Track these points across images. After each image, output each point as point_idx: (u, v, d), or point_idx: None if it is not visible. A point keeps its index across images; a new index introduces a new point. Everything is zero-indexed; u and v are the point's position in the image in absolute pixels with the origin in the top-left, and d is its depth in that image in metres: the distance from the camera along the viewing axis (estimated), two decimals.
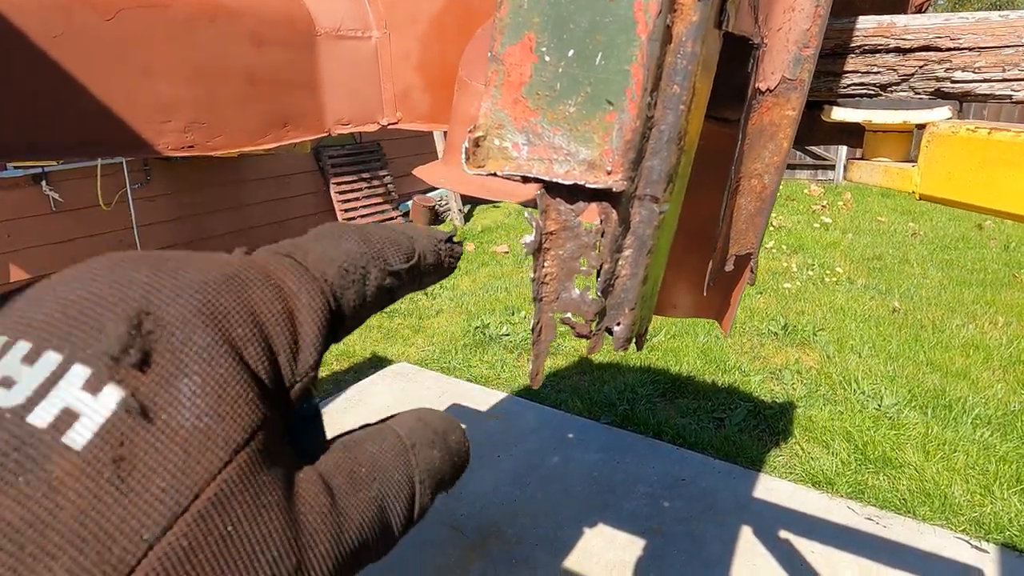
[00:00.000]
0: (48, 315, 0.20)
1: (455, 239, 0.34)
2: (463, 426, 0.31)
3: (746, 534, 2.74)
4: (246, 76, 0.75)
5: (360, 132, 1.01)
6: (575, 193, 0.38)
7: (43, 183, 5.51)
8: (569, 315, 0.43)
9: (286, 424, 0.24)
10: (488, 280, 6.11)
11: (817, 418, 3.54)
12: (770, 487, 3.03)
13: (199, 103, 0.70)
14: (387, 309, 5.54)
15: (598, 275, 0.41)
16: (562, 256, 0.41)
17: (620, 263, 0.40)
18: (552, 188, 0.39)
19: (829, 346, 4.40)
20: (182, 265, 0.23)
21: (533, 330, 0.45)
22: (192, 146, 0.69)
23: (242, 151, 0.91)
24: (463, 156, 0.37)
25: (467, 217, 8.71)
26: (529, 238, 0.39)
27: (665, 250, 0.46)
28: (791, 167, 9.89)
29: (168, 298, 0.21)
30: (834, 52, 0.89)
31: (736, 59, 0.57)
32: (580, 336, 0.43)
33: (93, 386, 0.19)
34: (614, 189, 0.37)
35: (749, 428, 3.49)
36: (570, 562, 2.60)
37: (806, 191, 9.17)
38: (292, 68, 0.82)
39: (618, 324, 0.42)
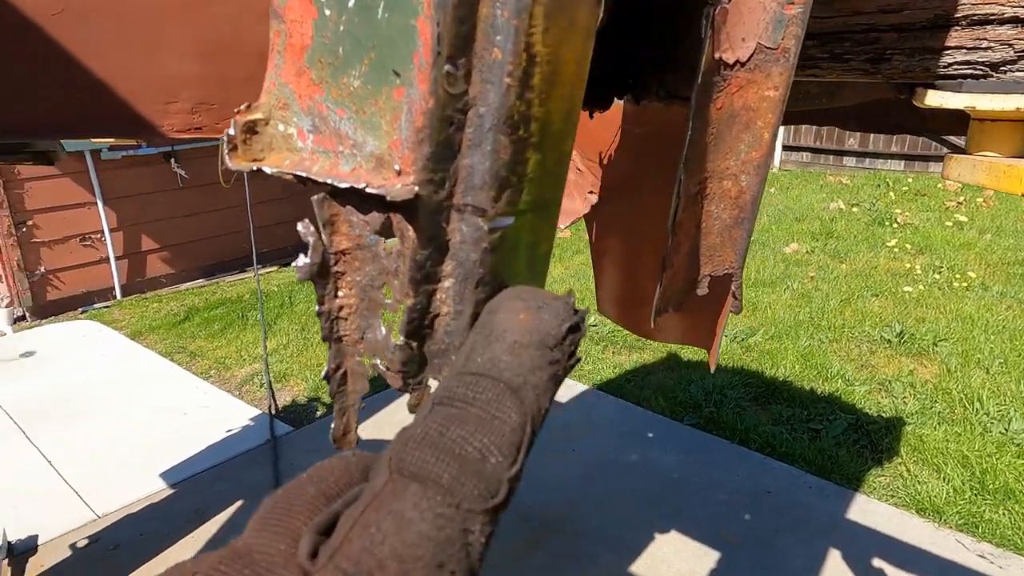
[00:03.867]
0: None
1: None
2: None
3: (834, 557, 2.52)
4: (261, 54, 0.72)
5: None
6: (366, 200, 0.29)
7: (172, 161, 5.96)
8: (377, 361, 0.32)
9: None
10: (580, 268, 6.01)
11: (929, 438, 3.21)
12: (867, 509, 2.78)
13: (209, 82, 0.68)
14: None
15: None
16: (361, 283, 0.31)
17: (440, 297, 0.30)
18: (339, 192, 0.29)
19: (951, 358, 3.97)
20: None
21: (327, 378, 0.34)
22: (200, 128, 0.68)
23: None
24: (226, 147, 0.30)
25: None
26: (303, 260, 0.30)
27: (527, 277, 0.34)
28: (925, 159, 8.97)
29: None
30: (933, 24, 0.75)
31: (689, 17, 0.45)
32: (399, 390, 0.32)
33: None
34: (401, 198, 0.26)
35: (848, 442, 3.22)
36: (637, 567, 2.51)
37: (940, 185, 8.33)
38: None
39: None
